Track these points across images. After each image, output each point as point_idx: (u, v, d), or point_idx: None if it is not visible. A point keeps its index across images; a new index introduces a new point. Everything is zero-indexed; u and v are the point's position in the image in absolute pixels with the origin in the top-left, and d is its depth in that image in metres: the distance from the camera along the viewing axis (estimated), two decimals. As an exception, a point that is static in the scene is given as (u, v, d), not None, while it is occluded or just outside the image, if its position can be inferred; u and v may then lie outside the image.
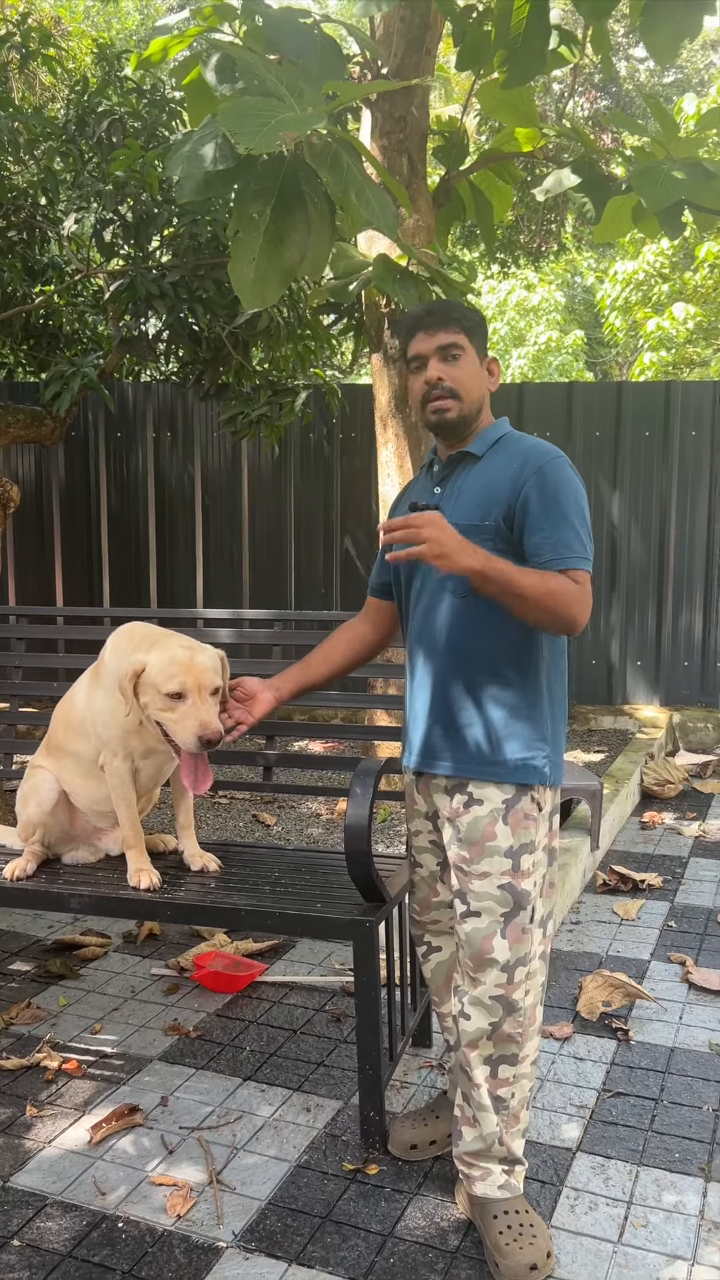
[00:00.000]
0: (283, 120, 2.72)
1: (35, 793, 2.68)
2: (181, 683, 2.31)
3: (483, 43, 3.94)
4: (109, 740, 2.52)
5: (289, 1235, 2.06)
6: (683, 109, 10.88)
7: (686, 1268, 1.97)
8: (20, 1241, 2.06)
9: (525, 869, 2.00)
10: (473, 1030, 2.01)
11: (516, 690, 2.01)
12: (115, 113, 5.03)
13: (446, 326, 2.02)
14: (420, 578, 2.10)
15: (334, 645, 2.37)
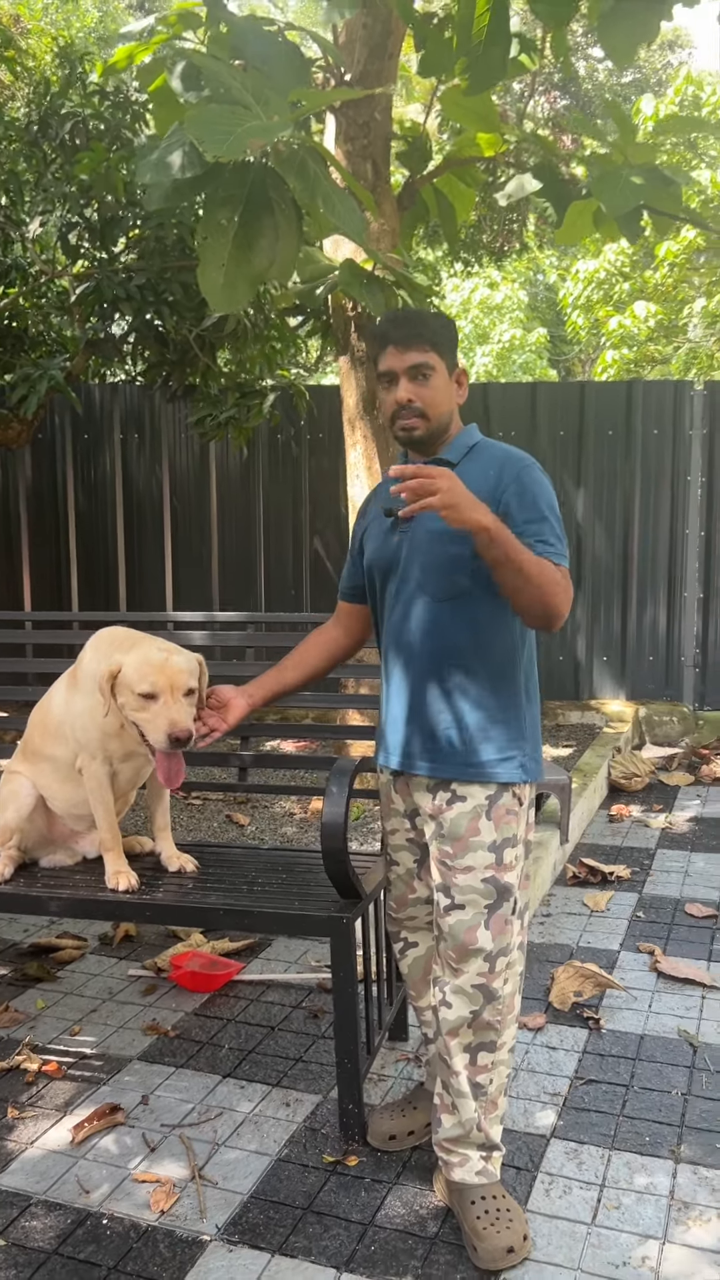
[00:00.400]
0: (250, 128, 2.75)
1: (13, 798, 2.70)
2: (154, 683, 2.34)
3: (444, 50, 3.99)
4: (88, 743, 2.55)
5: (271, 1227, 2.11)
6: (641, 110, 11.02)
7: (658, 1246, 2.04)
8: (5, 1240, 2.08)
9: (508, 862, 2.05)
10: (454, 1018, 2.06)
11: (494, 692, 2.06)
12: (78, 115, 5.03)
13: (417, 344, 2.04)
14: (396, 581, 2.14)
15: (307, 650, 2.40)
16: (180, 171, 2.80)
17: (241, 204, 2.99)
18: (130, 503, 6.39)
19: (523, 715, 2.10)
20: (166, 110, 3.63)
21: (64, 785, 2.68)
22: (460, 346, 15.87)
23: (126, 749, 2.56)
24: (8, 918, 3.70)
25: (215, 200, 2.97)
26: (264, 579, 6.34)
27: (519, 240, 9.95)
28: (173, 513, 6.36)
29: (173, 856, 2.72)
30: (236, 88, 2.98)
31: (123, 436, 6.34)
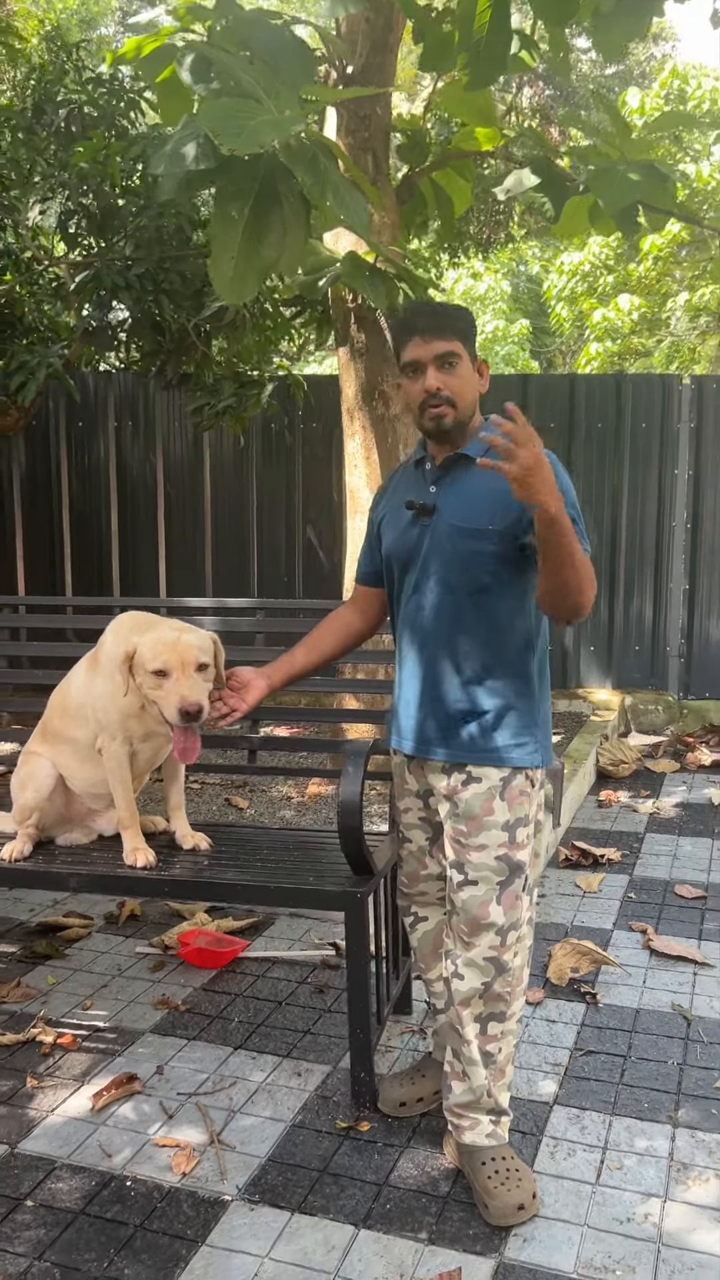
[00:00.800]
0: (263, 122, 2.81)
1: (32, 778, 2.77)
2: (165, 660, 2.42)
3: (445, 45, 4.04)
4: (108, 724, 2.62)
5: (290, 1187, 2.19)
6: (626, 102, 11.11)
7: (659, 1204, 2.14)
8: (34, 1202, 2.16)
9: (520, 841, 2.14)
10: (466, 990, 2.15)
11: (509, 681, 2.13)
12: (74, 102, 5.05)
13: (443, 334, 2.11)
14: (416, 572, 2.20)
15: (323, 633, 2.47)
16: (194, 163, 2.85)
17: (252, 197, 3.04)
18: (124, 489, 6.42)
19: (536, 703, 2.18)
20: (173, 101, 3.66)
21: (83, 765, 2.75)
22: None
23: (146, 729, 2.63)
24: (13, 897, 3.76)
25: (226, 193, 3.02)
26: (256, 566, 6.40)
27: (505, 231, 10.03)
28: (166, 500, 6.40)
29: (187, 835, 2.80)
30: (248, 81, 3.03)
31: (117, 424, 6.38)
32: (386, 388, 4.44)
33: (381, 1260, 1.98)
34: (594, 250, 12.37)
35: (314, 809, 4.46)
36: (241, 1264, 1.98)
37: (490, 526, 2.09)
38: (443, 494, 2.19)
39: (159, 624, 2.55)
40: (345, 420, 4.57)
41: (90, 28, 17.87)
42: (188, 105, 3.70)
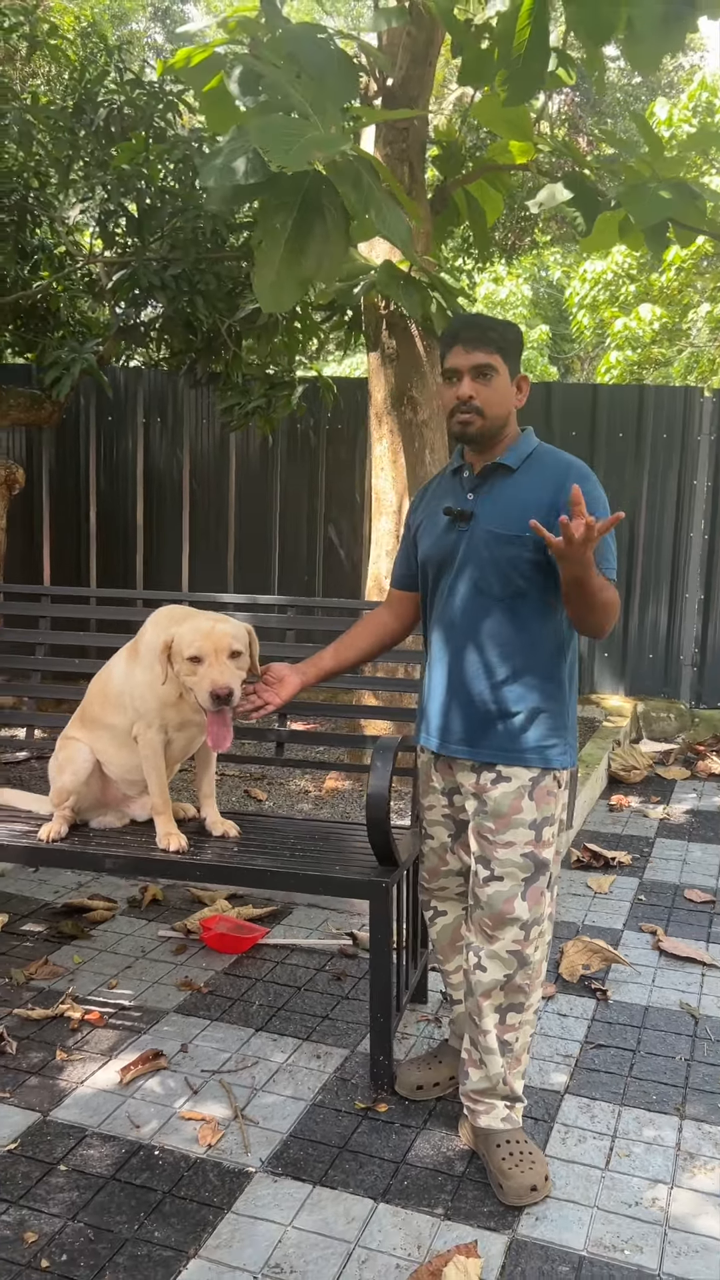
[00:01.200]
0: (312, 139, 2.91)
1: (70, 763, 2.87)
2: (199, 647, 2.53)
3: (484, 60, 4.14)
4: (146, 713, 2.72)
5: (311, 1162, 2.29)
6: (654, 113, 11.18)
7: (666, 1190, 2.23)
8: (66, 1166, 2.26)
9: (546, 839, 2.23)
10: (488, 981, 2.24)
11: (540, 683, 2.22)
12: (114, 102, 5.15)
13: (484, 346, 2.19)
14: (451, 575, 2.29)
15: (358, 634, 2.57)
16: (244, 178, 2.95)
17: (295, 210, 3.14)
18: (150, 484, 6.53)
19: (565, 705, 2.27)
20: (219, 110, 3.77)
21: (120, 751, 2.85)
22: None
23: (182, 718, 2.73)
24: (39, 879, 3.87)
25: (271, 205, 3.12)
26: (278, 563, 6.49)
27: (530, 238, 10.11)
28: (192, 496, 6.51)
29: (217, 822, 2.90)
30: (297, 98, 3.13)
31: (145, 420, 6.48)
32: (415, 393, 4.54)
33: (400, 1232, 2.08)
34: (617, 259, 12.45)
35: (331, 803, 4.56)
36: (266, 1231, 2.07)
37: (526, 534, 2.17)
38: (480, 501, 2.27)
39: (197, 615, 2.65)
40: (373, 424, 4.66)
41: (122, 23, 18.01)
42: (233, 114, 3.81)
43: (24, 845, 2.80)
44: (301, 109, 3.14)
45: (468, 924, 2.36)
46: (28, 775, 4.80)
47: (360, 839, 2.87)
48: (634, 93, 17.52)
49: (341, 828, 2.99)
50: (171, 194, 5.05)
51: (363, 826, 2.98)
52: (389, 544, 4.69)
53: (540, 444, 2.30)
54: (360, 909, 3.59)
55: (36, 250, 5.51)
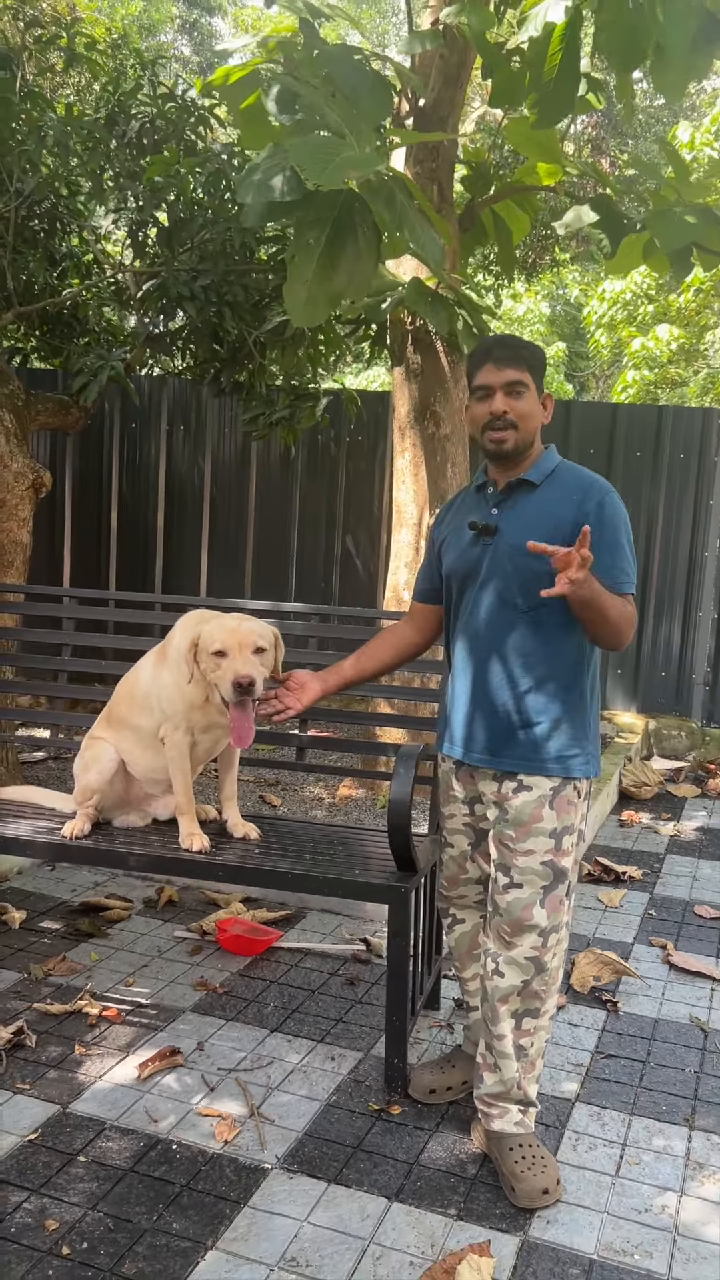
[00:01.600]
0: (348, 159, 2.97)
1: (96, 761, 2.93)
2: (224, 642, 2.61)
3: (515, 83, 4.20)
4: (172, 714, 2.78)
5: (326, 1161, 2.33)
6: (677, 136, 11.27)
7: (675, 1198, 2.26)
8: (86, 1158, 2.30)
9: (565, 848, 2.27)
10: (505, 987, 2.28)
11: (562, 694, 2.26)
12: (146, 115, 5.24)
13: (515, 364, 2.26)
14: (475, 588, 2.33)
15: (380, 644, 2.62)
16: (281, 195, 3.01)
17: (329, 226, 3.20)
18: (172, 491, 6.60)
19: (587, 716, 2.31)
20: (255, 127, 3.84)
21: (145, 752, 2.91)
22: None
23: (208, 720, 2.79)
24: (56, 877, 3.92)
25: (306, 222, 3.18)
26: (295, 572, 6.55)
27: (550, 256, 10.19)
28: (212, 503, 6.57)
29: (239, 824, 2.95)
30: (333, 117, 3.20)
31: (168, 427, 6.56)
32: (438, 408, 4.60)
33: (414, 1230, 2.12)
34: (636, 279, 12.53)
35: (344, 810, 4.60)
36: (282, 1225, 2.11)
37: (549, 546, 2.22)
38: (504, 516, 2.32)
39: (223, 616, 2.72)
40: (396, 437, 4.72)
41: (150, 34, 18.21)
42: (269, 131, 3.88)
43: (49, 841, 2.85)
44: (337, 128, 3.21)
45: (485, 931, 2.40)
46: (45, 775, 4.86)
47: (377, 845, 2.92)
48: (656, 115, 17.64)
49: (359, 833, 3.04)
50: (202, 206, 5.13)
51: (379, 832, 3.03)
52: (408, 556, 4.75)
53: (562, 460, 2.36)
54: (373, 915, 3.63)
55: (65, 258, 5.60)
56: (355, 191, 3.26)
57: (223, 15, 20.07)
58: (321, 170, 2.92)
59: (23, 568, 4.69)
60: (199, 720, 2.79)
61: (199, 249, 5.11)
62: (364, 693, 3.50)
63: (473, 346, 2.72)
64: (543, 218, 7.44)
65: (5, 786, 3.41)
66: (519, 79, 4.21)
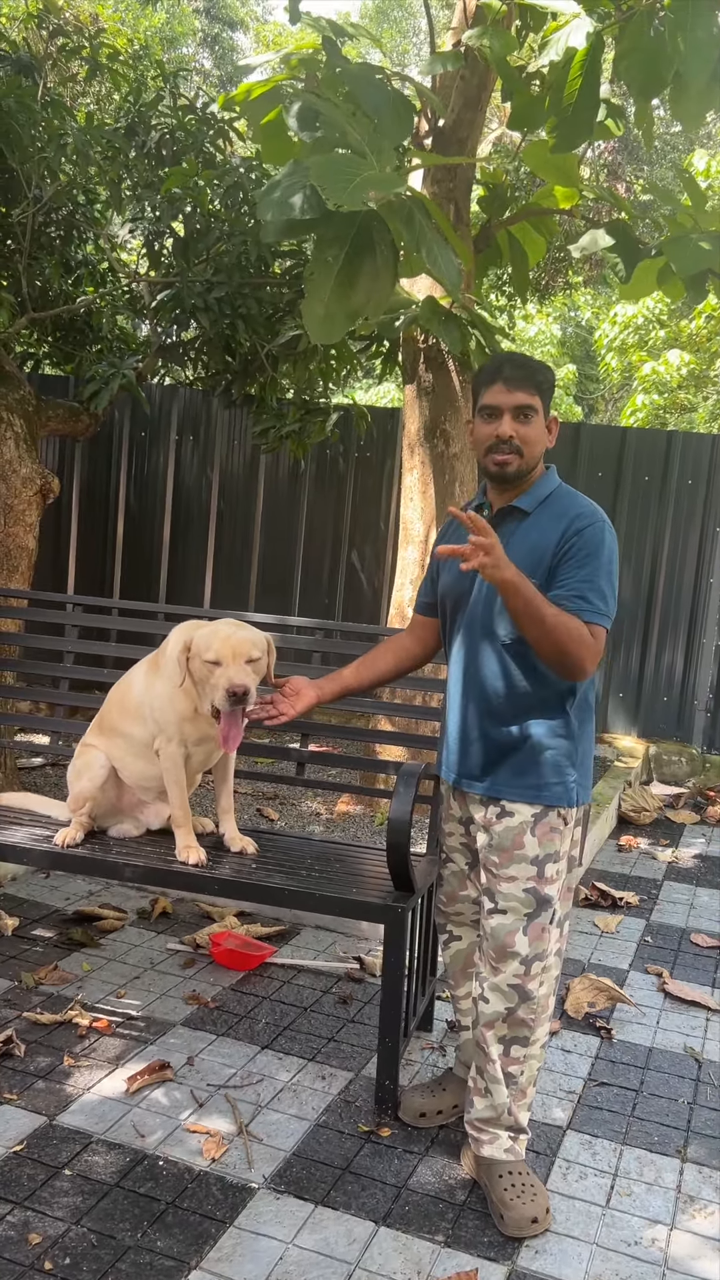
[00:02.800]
0: (368, 178, 2.98)
1: (88, 769, 2.93)
2: (218, 651, 2.61)
3: (534, 106, 4.22)
4: (165, 726, 2.78)
5: (314, 1182, 2.30)
6: (693, 164, 11.33)
7: (666, 1231, 2.24)
8: (71, 1171, 2.28)
9: (549, 875, 2.25)
10: (490, 1013, 2.26)
11: (547, 722, 2.24)
12: (166, 126, 5.27)
13: (526, 387, 2.23)
14: (466, 615, 2.32)
15: (379, 654, 2.60)
16: (300, 213, 3.02)
17: (348, 244, 3.21)
18: (179, 501, 6.61)
19: (575, 744, 2.28)
20: (275, 143, 3.87)
21: (137, 760, 2.90)
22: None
23: (200, 733, 2.78)
24: (50, 885, 3.90)
25: (325, 240, 3.19)
26: (299, 587, 6.55)
27: (563, 278, 10.23)
28: (218, 514, 6.58)
29: (235, 837, 2.93)
30: (355, 137, 3.21)
31: (178, 437, 6.57)
32: (448, 426, 4.60)
33: (400, 1256, 2.09)
34: (648, 304, 12.57)
35: (342, 826, 4.59)
36: (268, 1247, 2.09)
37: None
38: None
39: (216, 623, 2.73)
40: (405, 454, 4.73)
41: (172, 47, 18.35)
42: (289, 147, 3.90)
43: (45, 850, 2.84)
44: (358, 146, 3.22)
45: (480, 953, 2.38)
46: (43, 781, 4.85)
47: (375, 863, 2.90)
48: (672, 142, 17.74)
49: (356, 850, 3.02)
50: (218, 219, 5.15)
51: (377, 850, 3.02)
52: (414, 573, 4.74)
53: (560, 485, 2.33)
54: (368, 933, 3.61)
55: (81, 265, 5.63)
56: (374, 210, 3.27)
57: (245, 30, 20.24)
58: (342, 190, 2.92)
59: (28, 573, 4.69)
60: (192, 733, 2.79)
61: (214, 261, 5.12)
62: (365, 709, 3.49)
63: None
64: (557, 241, 7.47)
65: (2, 793, 3.40)
66: (538, 103, 4.23)
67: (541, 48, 3.89)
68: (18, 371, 4.84)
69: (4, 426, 4.58)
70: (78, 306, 5.44)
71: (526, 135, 4.66)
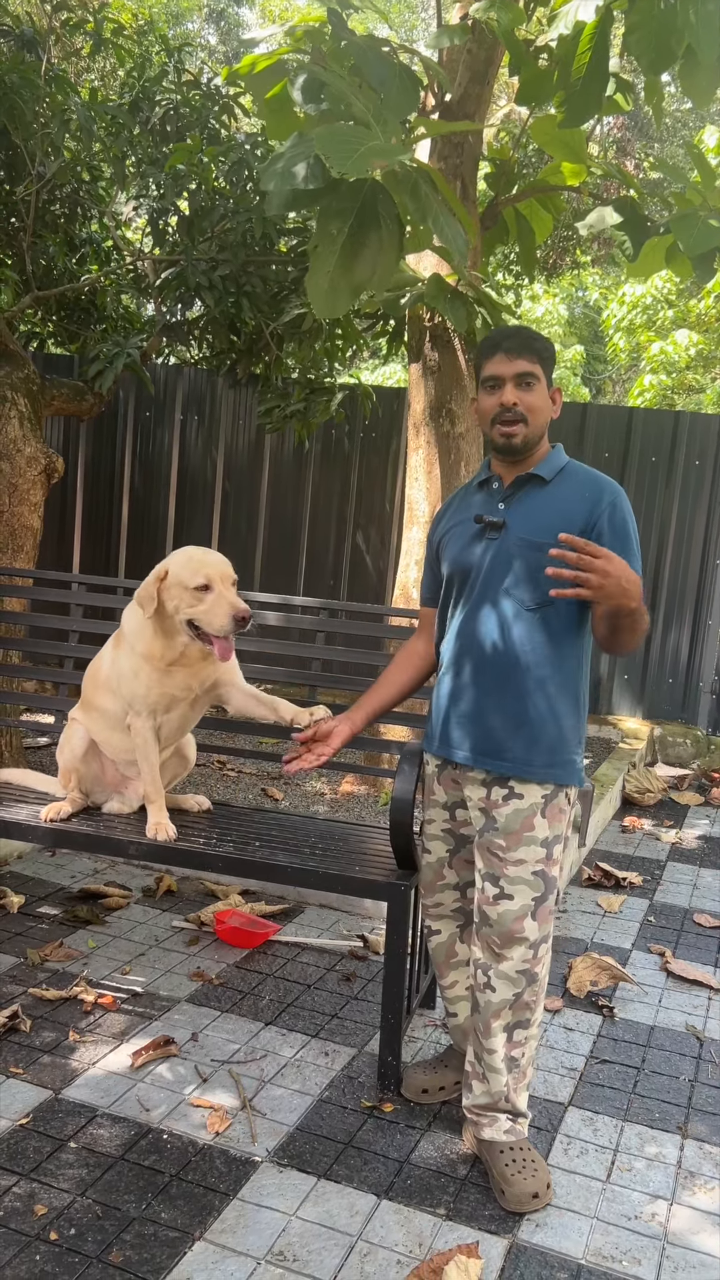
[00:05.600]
0: (372, 148, 2.95)
1: (68, 742, 2.99)
2: (206, 575, 2.62)
3: (542, 80, 4.18)
4: (133, 699, 2.81)
5: (317, 1156, 2.32)
6: (703, 140, 11.22)
7: (666, 1206, 2.25)
8: (76, 1144, 2.30)
9: (556, 857, 2.24)
10: (498, 1001, 2.24)
11: (559, 699, 2.22)
12: (170, 102, 5.23)
13: (526, 355, 2.21)
14: (478, 585, 2.27)
15: (394, 669, 2.54)
16: (304, 183, 3.00)
17: (352, 217, 3.18)
18: (184, 481, 6.60)
19: (580, 722, 2.27)
20: (280, 117, 3.83)
21: (113, 733, 2.95)
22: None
23: (169, 698, 2.81)
24: (55, 863, 3.91)
25: (329, 212, 3.16)
26: (304, 567, 6.54)
27: (571, 257, 10.15)
28: (223, 495, 6.56)
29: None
30: (359, 108, 3.18)
31: (182, 417, 6.55)
32: (454, 406, 4.58)
33: (402, 1229, 2.11)
34: (656, 284, 12.48)
35: (346, 806, 4.59)
36: (270, 1219, 2.11)
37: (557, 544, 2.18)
38: (512, 511, 2.26)
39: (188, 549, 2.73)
40: (410, 434, 4.71)
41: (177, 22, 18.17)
42: (294, 121, 3.86)
43: (50, 827, 2.85)
44: (363, 119, 3.19)
45: (466, 940, 2.37)
46: (48, 760, 4.86)
47: (378, 841, 2.91)
48: (683, 119, 17.56)
49: (360, 830, 3.03)
50: (223, 196, 5.12)
51: (380, 829, 3.02)
52: (418, 554, 4.73)
53: (571, 460, 2.31)
54: (371, 912, 3.62)
55: (85, 243, 5.60)
56: (379, 182, 3.24)
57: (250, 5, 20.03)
58: (346, 159, 2.90)
59: (33, 553, 4.69)
60: (159, 700, 2.82)
61: (219, 239, 5.09)
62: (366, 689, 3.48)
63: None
64: (564, 219, 7.40)
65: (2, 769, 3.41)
66: (547, 77, 4.19)
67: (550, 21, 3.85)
68: (22, 351, 4.83)
69: (8, 406, 4.56)
70: (82, 285, 5.41)
71: (534, 110, 4.60)
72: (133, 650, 2.79)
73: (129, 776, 3.03)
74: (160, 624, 2.72)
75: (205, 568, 2.62)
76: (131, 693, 2.81)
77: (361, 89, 3.49)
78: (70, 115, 4.68)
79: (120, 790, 3.06)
